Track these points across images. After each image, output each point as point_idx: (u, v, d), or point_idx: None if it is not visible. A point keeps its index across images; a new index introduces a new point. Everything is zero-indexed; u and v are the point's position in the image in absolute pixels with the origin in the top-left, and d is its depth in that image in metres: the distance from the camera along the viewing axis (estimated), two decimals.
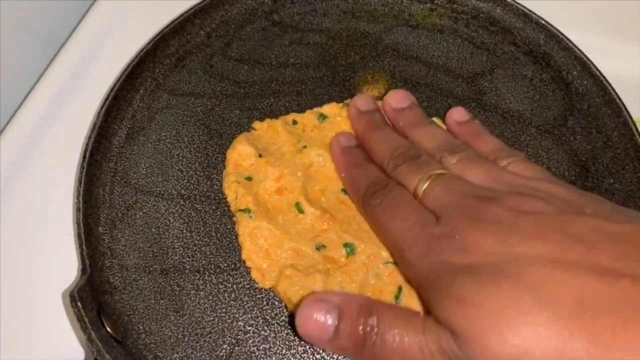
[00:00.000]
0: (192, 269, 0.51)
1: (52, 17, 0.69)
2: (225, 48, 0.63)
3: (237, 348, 0.48)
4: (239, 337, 0.48)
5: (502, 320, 0.33)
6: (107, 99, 0.56)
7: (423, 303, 0.46)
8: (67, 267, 0.53)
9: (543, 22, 0.63)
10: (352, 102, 0.56)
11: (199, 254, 0.52)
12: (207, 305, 0.50)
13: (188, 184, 0.55)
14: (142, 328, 0.48)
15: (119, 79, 0.57)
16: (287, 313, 0.50)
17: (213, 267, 0.51)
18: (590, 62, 0.61)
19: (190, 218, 0.53)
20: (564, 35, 0.62)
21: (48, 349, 0.49)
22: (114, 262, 0.51)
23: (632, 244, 0.34)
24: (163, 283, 0.50)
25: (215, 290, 0.50)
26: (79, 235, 0.50)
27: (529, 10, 0.64)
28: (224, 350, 0.48)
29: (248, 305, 0.50)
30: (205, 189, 0.55)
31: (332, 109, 0.58)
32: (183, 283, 0.50)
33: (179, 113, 0.59)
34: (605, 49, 0.66)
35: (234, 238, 0.52)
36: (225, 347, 0.48)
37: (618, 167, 0.57)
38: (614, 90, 0.59)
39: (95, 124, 0.55)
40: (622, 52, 0.68)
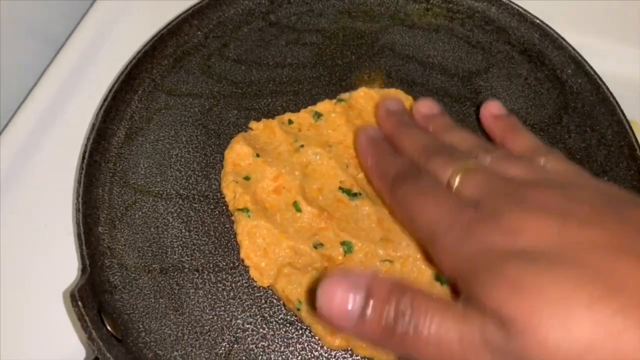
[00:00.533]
0: (191, 268, 0.52)
1: (51, 18, 0.70)
2: (223, 49, 0.63)
3: (236, 346, 0.49)
4: (238, 335, 0.49)
5: (564, 309, 0.29)
6: (105, 100, 0.57)
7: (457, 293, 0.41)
8: (67, 266, 0.53)
9: (538, 21, 0.64)
10: (380, 104, 0.56)
11: (198, 253, 0.52)
12: (206, 304, 0.50)
13: (186, 184, 0.56)
14: (142, 326, 0.49)
15: (117, 80, 0.58)
16: (285, 311, 0.50)
17: (212, 265, 0.52)
18: (585, 61, 0.61)
19: (189, 217, 0.54)
20: (559, 35, 0.63)
21: (49, 349, 0.50)
22: (114, 261, 0.51)
23: None
24: (162, 282, 0.51)
25: (214, 289, 0.51)
26: (79, 235, 0.50)
27: (524, 10, 0.64)
28: (223, 348, 0.48)
29: (247, 304, 0.50)
30: (204, 189, 0.55)
31: (325, 106, 0.59)
32: (182, 282, 0.51)
33: (177, 113, 0.59)
34: (600, 49, 0.66)
35: (233, 237, 0.53)
36: (224, 344, 0.49)
37: (612, 164, 0.57)
38: (608, 89, 0.59)
39: (94, 125, 0.55)
40: (616, 51, 0.69)
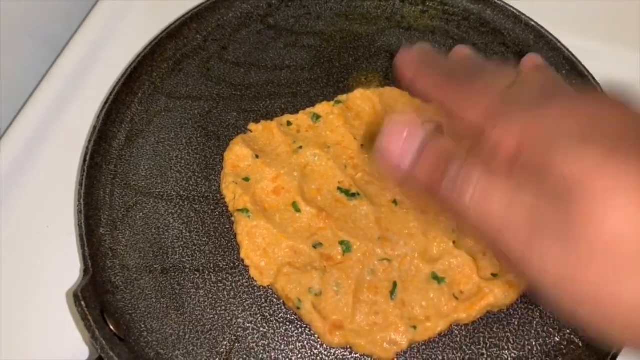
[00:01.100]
0: (192, 268, 0.52)
1: (51, 22, 0.70)
2: (222, 51, 0.64)
3: (237, 344, 0.49)
4: (239, 333, 0.50)
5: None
6: (106, 103, 0.57)
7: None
8: (69, 267, 0.54)
9: (532, 23, 0.65)
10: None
11: (199, 254, 0.53)
12: (207, 303, 0.51)
13: (187, 185, 0.56)
14: (144, 326, 0.49)
15: (118, 83, 0.59)
16: (285, 310, 0.51)
17: (212, 266, 0.53)
18: (579, 62, 0.62)
19: (190, 218, 0.55)
20: (553, 36, 0.64)
21: (53, 348, 0.50)
22: (116, 262, 0.52)
23: None
24: (164, 282, 0.52)
25: (215, 289, 0.51)
26: (81, 237, 0.51)
27: (519, 12, 0.65)
28: (224, 347, 0.49)
29: (247, 303, 0.51)
30: (204, 190, 0.56)
31: (324, 108, 0.60)
32: (183, 282, 0.52)
33: (177, 116, 0.60)
34: (594, 50, 0.67)
35: (233, 237, 0.54)
36: (225, 343, 0.49)
37: None
38: (602, 90, 0.60)
39: (95, 127, 0.56)
40: (610, 52, 0.69)
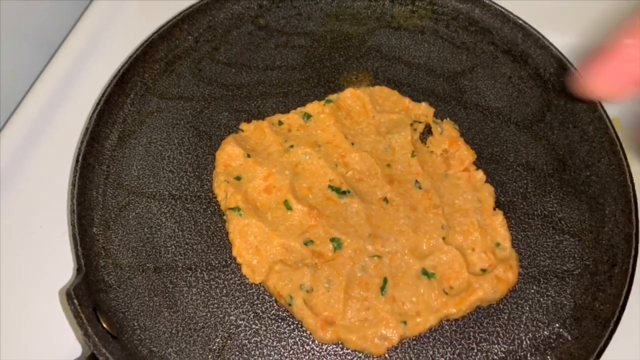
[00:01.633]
0: (184, 267, 0.53)
1: (45, 25, 0.71)
2: (213, 52, 0.65)
3: (229, 341, 0.50)
4: (231, 331, 0.50)
5: None
6: (98, 104, 0.58)
7: None
8: (63, 266, 0.54)
9: (520, 21, 0.65)
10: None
11: (191, 252, 0.53)
12: (199, 301, 0.51)
13: (179, 185, 0.57)
14: (137, 324, 0.50)
15: (110, 84, 0.59)
16: (277, 307, 0.51)
17: (205, 264, 0.53)
18: (566, 59, 0.63)
19: (182, 217, 0.55)
20: (541, 34, 0.64)
21: (46, 346, 0.51)
22: (109, 261, 0.52)
23: None
24: (156, 281, 0.52)
25: (207, 287, 0.52)
26: (74, 236, 0.51)
27: (507, 11, 0.66)
28: (217, 344, 0.49)
29: (239, 300, 0.51)
30: (196, 189, 0.57)
31: (314, 107, 0.60)
32: (176, 280, 0.52)
33: (169, 116, 0.60)
34: (582, 48, 0.68)
35: (225, 236, 0.54)
36: (218, 340, 0.50)
37: (594, 159, 0.59)
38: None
39: (88, 128, 0.56)
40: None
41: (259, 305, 0.51)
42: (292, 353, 0.49)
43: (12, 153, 0.60)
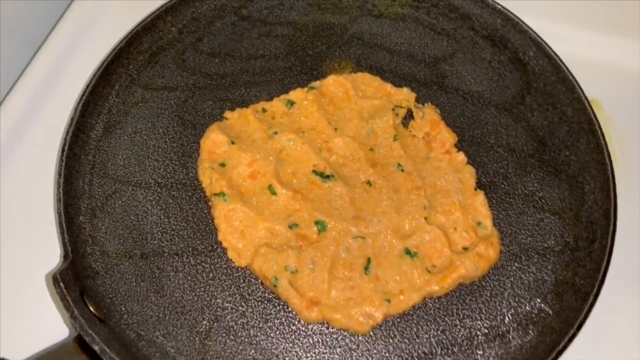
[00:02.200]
0: (170, 252, 0.53)
1: (29, 20, 0.71)
2: (197, 43, 0.65)
3: (216, 324, 0.50)
4: (218, 313, 0.51)
5: None
6: (83, 95, 0.58)
7: None
8: (51, 254, 0.55)
9: (499, 7, 0.66)
10: None
11: (177, 238, 0.54)
12: (186, 286, 0.52)
13: (164, 173, 0.57)
14: (124, 309, 0.50)
15: (95, 76, 0.59)
16: (262, 289, 0.52)
17: (191, 249, 0.54)
18: (545, 43, 0.64)
19: (168, 204, 0.56)
20: (520, 19, 0.65)
21: (35, 329, 0.52)
22: (95, 248, 0.53)
23: None
24: (143, 266, 0.52)
25: (194, 271, 0.53)
26: (60, 224, 0.52)
27: None
28: (204, 327, 0.50)
29: (226, 284, 0.52)
30: (181, 177, 0.57)
31: (297, 95, 0.61)
32: (162, 266, 0.53)
33: (154, 106, 0.61)
34: (560, 32, 0.69)
35: (210, 221, 0.55)
36: (205, 323, 0.50)
37: (573, 140, 0.60)
38: (567, 69, 0.62)
39: (73, 119, 0.57)
40: (575, 34, 0.71)
41: (245, 288, 0.52)
42: (278, 333, 0.50)
43: None
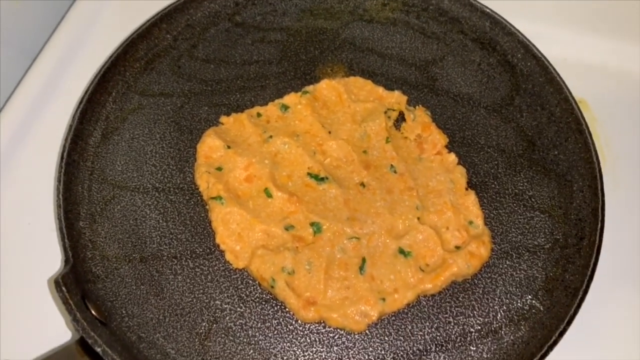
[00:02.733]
0: (169, 256, 0.54)
1: (26, 29, 0.72)
2: (192, 49, 0.66)
3: (215, 325, 0.51)
4: (217, 314, 0.52)
5: None
6: (81, 102, 0.59)
7: None
8: (52, 260, 0.56)
9: (488, 10, 0.68)
10: None
11: (176, 242, 0.55)
12: (185, 288, 0.53)
13: (162, 178, 0.58)
14: (125, 312, 0.51)
15: (92, 83, 0.61)
16: (260, 290, 0.53)
17: (189, 252, 0.55)
18: (533, 45, 0.65)
19: (166, 209, 0.57)
20: (508, 22, 0.67)
21: (38, 333, 0.52)
22: (96, 253, 0.54)
23: None
24: (143, 270, 0.54)
25: (193, 274, 0.54)
26: (61, 230, 0.53)
27: (475, 0, 0.68)
28: (203, 328, 0.51)
29: (224, 286, 0.53)
30: (179, 181, 0.58)
31: (292, 99, 0.62)
32: (162, 269, 0.54)
33: (151, 112, 0.62)
34: (547, 34, 0.70)
35: (208, 225, 0.56)
36: (204, 324, 0.51)
37: (562, 139, 0.61)
38: (555, 70, 0.63)
39: (71, 126, 0.58)
40: (562, 36, 0.73)
41: (243, 290, 0.53)
42: (276, 333, 0.51)
43: None
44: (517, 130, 0.62)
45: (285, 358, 0.50)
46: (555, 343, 0.49)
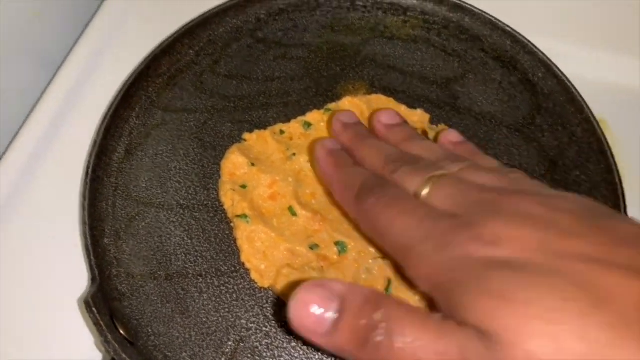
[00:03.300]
0: (194, 274, 0.55)
1: (47, 42, 0.73)
2: (214, 65, 0.67)
3: (241, 344, 0.51)
4: (243, 334, 0.52)
5: (554, 322, 0.28)
6: (105, 118, 0.60)
7: (434, 306, 0.40)
8: (78, 277, 0.56)
9: (509, 29, 0.68)
10: (334, 117, 0.58)
11: (201, 259, 0.55)
12: (210, 307, 0.53)
13: (186, 194, 0.59)
14: (151, 331, 0.52)
15: (116, 99, 0.61)
16: (286, 309, 0.53)
17: (214, 270, 0.55)
18: (554, 64, 0.66)
19: (190, 226, 0.57)
20: (529, 41, 0.67)
21: (66, 354, 0.53)
22: (121, 270, 0.54)
23: None
24: (168, 288, 0.54)
25: (218, 292, 0.54)
26: (87, 247, 0.53)
27: (496, 19, 0.69)
28: (229, 347, 0.51)
29: (249, 304, 0.53)
30: (203, 198, 0.59)
31: (314, 116, 0.62)
32: (187, 287, 0.54)
33: (174, 128, 0.62)
34: (568, 53, 0.71)
35: (233, 242, 0.56)
36: (230, 344, 0.51)
37: (583, 160, 0.61)
38: (576, 90, 0.64)
39: (96, 142, 0.58)
40: (582, 54, 0.73)
41: (269, 309, 0.53)
42: (302, 353, 0.51)
43: (22, 167, 0.61)
44: (539, 150, 0.62)
45: None
46: None
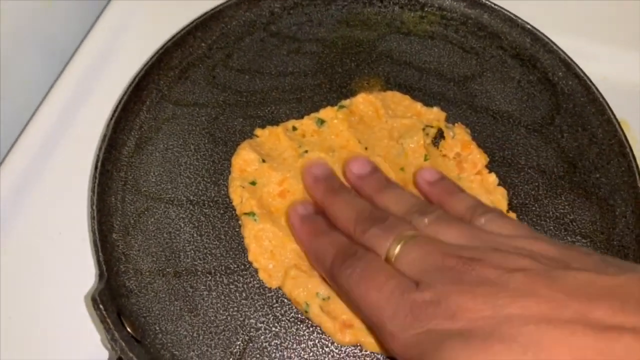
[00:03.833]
0: (203, 271, 0.54)
1: (58, 33, 0.72)
2: (227, 59, 0.65)
3: (250, 344, 0.50)
4: (251, 334, 0.51)
5: None
6: (115, 111, 0.59)
7: None
8: (85, 272, 0.55)
9: (529, 26, 0.66)
10: (306, 169, 0.55)
11: (210, 257, 0.54)
12: (219, 305, 0.52)
13: (196, 190, 0.58)
14: (158, 328, 0.51)
15: (126, 92, 0.60)
16: (295, 310, 0.52)
17: (223, 268, 0.54)
18: (575, 63, 0.64)
19: (200, 222, 0.56)
20: (549, 39, 0.65)
21: (71, 350, 0.52)
22: (129, 266, 0.53)
23: (628, 297, 0.32)
24: (177, 285, 0.53)
25: (227, 291, 0.53)
26: (95, 242, 0.52)
27: (515, 16, 0.67)
28: (238, 347, 0.50)
29: (258, 304, 0.52)
30: (213, 194, 0.57)
31: (328, 113, 0.61)
32: (196, 284, 0.53)
33: (185, 123, 0.61)
34: (589, 52, 0.69)
35: (242, 240, 0.55)
36: (239, 344, 0.50)
37: (603, 162, 0.60)
38: (598, 90, 0.62)
39: (105, 135, 0.57)
40: (604, 54, 0.72)
41: (278, 309, 0.52)
42: (311, 355, 0.50)
43: (29, 160, 0.61)
44: (557, 151, 0.61)
45: None
46: None
